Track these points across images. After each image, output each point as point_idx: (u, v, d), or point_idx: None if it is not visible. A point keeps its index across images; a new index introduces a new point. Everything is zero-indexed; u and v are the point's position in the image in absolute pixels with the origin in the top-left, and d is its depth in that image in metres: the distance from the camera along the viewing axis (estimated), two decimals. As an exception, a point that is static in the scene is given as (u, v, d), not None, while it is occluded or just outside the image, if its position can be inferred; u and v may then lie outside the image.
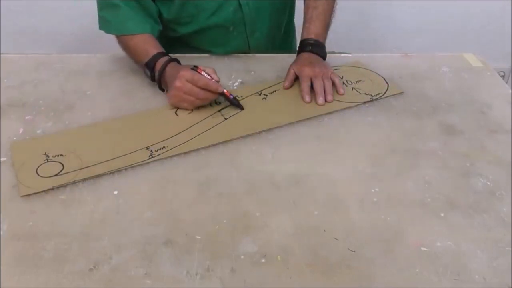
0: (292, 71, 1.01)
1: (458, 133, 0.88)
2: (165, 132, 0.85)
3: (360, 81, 1.02)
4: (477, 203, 0.73)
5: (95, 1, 1.04)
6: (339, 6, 1.14)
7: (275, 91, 0.98)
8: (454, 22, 1.89)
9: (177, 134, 0.85)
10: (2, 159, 0.81)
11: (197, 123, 0.88)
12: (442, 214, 0.71)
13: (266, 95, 0.97)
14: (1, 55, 1.10)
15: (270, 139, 0.86)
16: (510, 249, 0.66)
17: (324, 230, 0.68)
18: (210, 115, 0.90)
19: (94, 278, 0.62)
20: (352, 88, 1.00)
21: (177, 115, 0.91)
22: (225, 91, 0.91)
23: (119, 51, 1.05)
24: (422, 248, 0.66)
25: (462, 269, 0.63)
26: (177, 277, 0.62)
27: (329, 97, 0.95)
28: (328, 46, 1.08)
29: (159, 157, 0.80)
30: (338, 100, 0.95)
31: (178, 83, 0.89)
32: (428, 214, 0.71)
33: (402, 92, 0.99)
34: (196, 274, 0.62)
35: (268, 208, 0.72)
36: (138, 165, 0.78)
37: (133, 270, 0.63)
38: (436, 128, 0.89)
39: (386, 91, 0.99)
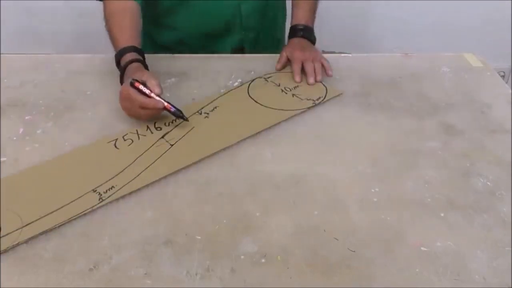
0: (284, 54, 1.07)
1: (458, 133, 0.88)
2: (110, 170, 0.77)
3: (297, 86, 1.01)
4: (477, 203, 0.73)
5: (95, 1, 1.04)
6: (339, 6, 1.14)
7: (216, 107, 0.93)
8: (454, 22, 1.90)
9: (123, 170, 0.77)
10: (2, 159, 0.81)
11: (141, 154, 0.80)
12: (442, 214, 0.71)
13: (208, 113, 0.91)
14: (1, 55, 1.10)
15: (270, 139, 0.86)
16: (510, 249, 0.66)
17: (324, 230, 0.68)
18: (154, 144, 0.83)
19: (94, 278, 0.62)
20: (293, 95, 0.98)
21: (117, 148, 0.82)
22: (165, 104, 0.85)
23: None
24: (422, 248, 0.66)
25: (462, 269, 0.63)
26: (177, 277, 0.62)
27: (318, 77, 1.01)
28: (328, 46, 1.09)
29: (109, 199, 0.72)
30: (282, 109, 0.92)
31: (120, 102, 0.88)
32: (428, 214, 0.71)
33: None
34: (196, 274, 0.62)
35: (268, 208, 0.72)
36: (89, 211, 0.70)
37: (133, 270, 0.63)
38: (436, 128, 0.89)
39: (326, 94, 0.98)
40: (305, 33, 1.10)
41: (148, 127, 0.87)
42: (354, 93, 0.99)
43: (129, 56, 0.93)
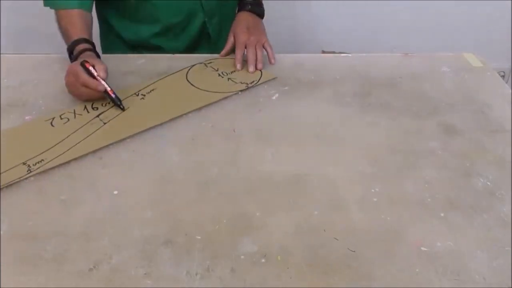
0: (231, 38, 1.08)
1: (458, 133, 0.88)
2: (42, 145, 0.82)
3: (234, 71, 1.05)
4: (477, 203, 0.73)
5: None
6: (339, 6, 1.14)
7: (153, 90, 0.97)
8: (454, 22, 1.90)
9: (54, 145, 0.82)
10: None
11: (74, 132, 0.85)
12: (442, 214, 0.71)
13: (144, 95, 0.96)
14: (1, 55, 1.10)
15: (270, 139, 0.86)
16: (510, 249, 0.66)
17: (324, 230, 0.68)
18: (88, 122, 0.88)
19: (94, 278, 0.62)
20: (228, 78, 1.02)
21: (53, 126, 0.87)
22: (108, 89, 0.90)
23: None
24: (422, 248, 0.66)
25: (462, 269, 0.63)
26: (177, 277, 0.62)
27: (259, 66, 1.03)
28: (328, 46, 1.09)
29: (38, 170, 0.76)
30: (216, 92, 0.97)
31: (66, 78, 0.93)
32: (428, 214, 0.71)
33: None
34: (196, 274, 0.62)
35: (268, 208, 0.72)
36: (16, 182, 0.75)
37: (133, 270, 0.63)
38: (436, 128, 0.89)
39: (260, 78, 1.02)
40: (254, 7, 1.12)
41: (85, 106, 0.92)
42: (354, 93, 0.99)
43: (82, 46, 0.98)
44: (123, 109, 0.91)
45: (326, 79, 1.03)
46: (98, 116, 0.89)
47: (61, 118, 0.89)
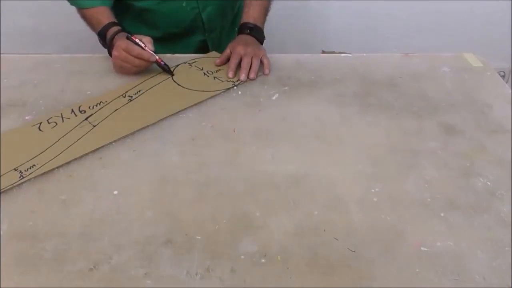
0: (228, 50, 1.07)
1: (458, 133, 0.88)
2: (32, 150, 0.80)
3: (219, 70, 1.05)
4: (477, 203, 0.73)
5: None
6: (339, 6, 1.14)
7: (140, 91, 0.97)
8: (454, 22, 1.90)
9: (45, 150, 0.81)
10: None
11: (64, 135, 0.84)
12: (442, 214, 0.71)
13: (131, 96, 0.95)
14: (1, 55, 1.10)
15: (270, 139, 0.86)
16: (510, 249, 0.66)
17: (324, 230, 0.68)
18: (77, 125, 0.87)
19: (94, 278, 0.62)
20: (214, 77, 1.02)
21: (41, 131, 0.86)
22: (157, 58, 0.98)
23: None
24: (422, 248, 0.66)
25: (462, 269, 0.63)
26: (177, 277, 0.62)
27: (251, 75, 1.01)
28: (328, 46, 1.09)
29: (30, 176, 0.75)
30: (203, 91, 0.97)
31: (115, 52, 0.98)
32: (428, 214, 0.71)
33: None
34: (196, 274, 0.62)
35: (268, 208, 0.72)
36: (9, 188, 0.74)
37: (133, 270, 0.63)
38: (436, 128, 0.89)
39: None
40: (253, 31, 1.11)
41: (72, 110, 0.92)
42: (354, 93, 0.99)
43: (114, 28, 1.02)
44: (172, 74, 1.00)
45: (326, 79, 1.03)
46: (86, 119, 0.89)
47: (49, 123, 0.88)
